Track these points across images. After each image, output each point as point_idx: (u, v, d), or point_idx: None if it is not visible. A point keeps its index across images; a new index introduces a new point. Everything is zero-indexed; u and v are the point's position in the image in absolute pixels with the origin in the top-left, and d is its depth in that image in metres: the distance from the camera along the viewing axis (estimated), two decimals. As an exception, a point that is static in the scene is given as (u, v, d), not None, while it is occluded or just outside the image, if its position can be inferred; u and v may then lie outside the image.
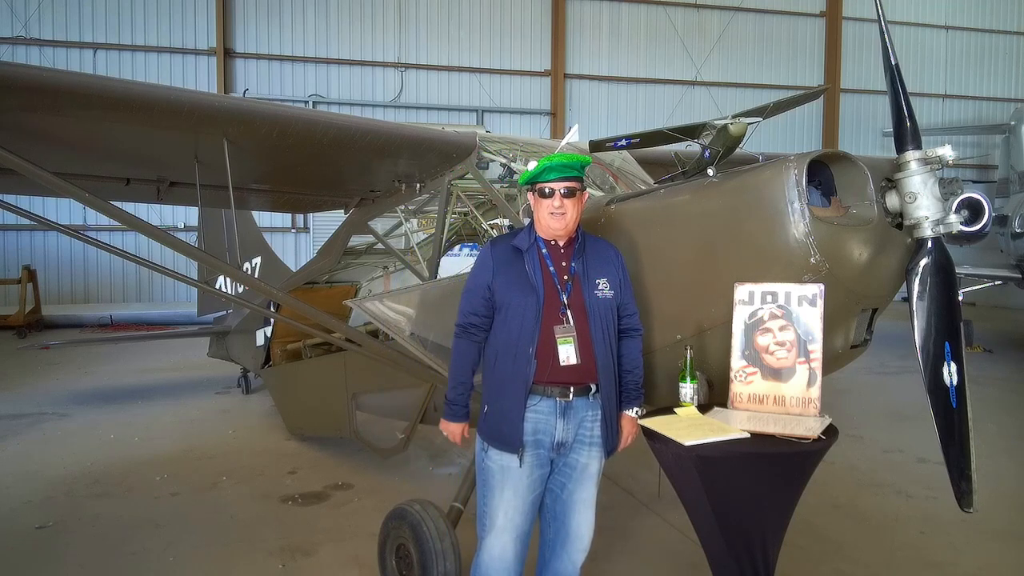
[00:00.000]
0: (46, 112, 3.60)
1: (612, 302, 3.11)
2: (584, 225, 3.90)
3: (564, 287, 3.06)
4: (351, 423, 5.95)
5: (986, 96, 22.49)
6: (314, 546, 4.73)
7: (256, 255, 8.58)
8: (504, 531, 3.06)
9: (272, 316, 6.67)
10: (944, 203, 2.93)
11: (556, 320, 3.01)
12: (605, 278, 3.11)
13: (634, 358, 3.22)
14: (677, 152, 4.48)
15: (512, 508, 3.06)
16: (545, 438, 3.06)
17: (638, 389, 3.24)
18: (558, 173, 3.03)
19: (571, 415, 3.06)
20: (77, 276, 17.03)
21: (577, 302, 3.05)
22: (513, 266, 3.09)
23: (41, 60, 16.20)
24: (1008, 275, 12.85)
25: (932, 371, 2.93)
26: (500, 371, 3.07)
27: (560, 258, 3.11)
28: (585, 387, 3.06)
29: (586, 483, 3.17)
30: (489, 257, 3.15)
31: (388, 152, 4.57)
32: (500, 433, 3.05)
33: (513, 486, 3.06)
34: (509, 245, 3.16)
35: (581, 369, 3.02)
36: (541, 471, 3.11)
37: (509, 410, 3.02)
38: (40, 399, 8.91)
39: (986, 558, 4.61)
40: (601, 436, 3.12)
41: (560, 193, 3.03)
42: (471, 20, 19.02)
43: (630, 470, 5.99)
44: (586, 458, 3.14)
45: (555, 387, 3.03)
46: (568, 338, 3.00)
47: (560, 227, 3.07)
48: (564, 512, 3.20)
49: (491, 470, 3.10)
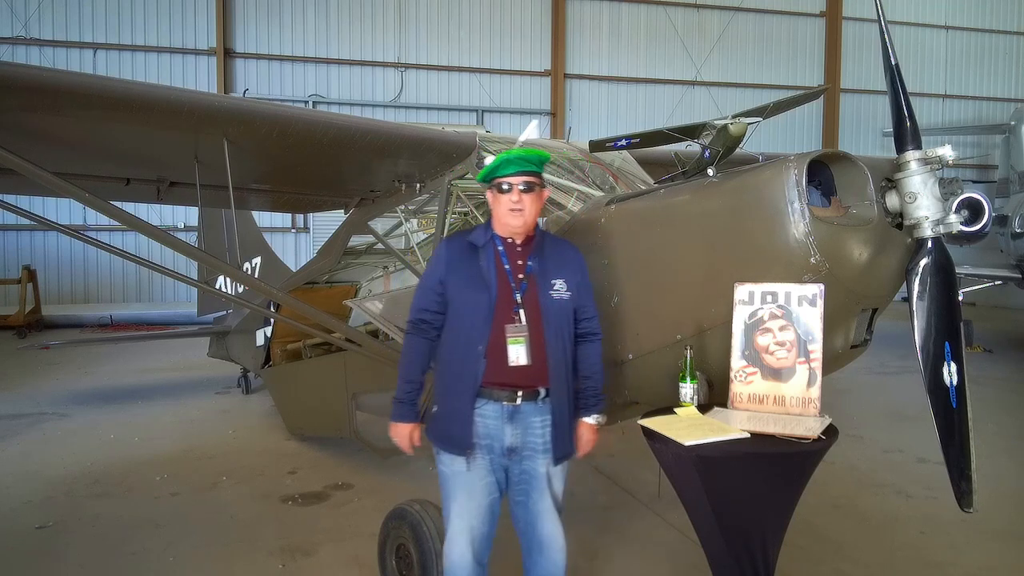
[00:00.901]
0: (46, 112, 3.61)
1: (569, 304, 3.03)
2: (584, 224, 3.92)
3: (519, 286, 2.97)
4: (351, 423, 5.95)
5: (986, 96, 22.49)
6: (314, 546, 4.73)
7: (256, 255, 8.58)
8: (460, 534, 3.01)
9: (272, 316, 6.68)
10: (944, 203, 2.93)
11: (508, 319, 2.93)
12: (562, 279, 3.02)
13: (592, 363, 3.14)
14: (677, 152, 4.48)
15: (467, 511, 3.00)
16: (495, 443, 2.98)
17: (597, 396, 3.15)
18: (516, 167, 2.94)
19: (519, 420, 2.98)
20: (77, 276, 17.03)
21: (532, 302, 2.96)
22: (467, 262, 3.01)
23: (41, 60, 16.20)
24: (1008, 275, 12.85)
25: (932, 371, 2.93)
26: (450, 370, 3.00)
27: (516, 256, 3.02)
28: (534, 391, 2.97)
29: (545, 492, 3.06)
30: (443, 253, 3.08)
31: (388, 152, 4.57)
32: (449, 435, 2.99)
33: (466, 490, 2.99)
34: (465, 241, 3.08)
35: (531, 371, 2.93)
36: (495, 475, 3.03)
37: (458, 411, 2.96)
38: (40, 399, 8.91)
39: (986, 558, 4.61)
40: (551, 442, 3.01)
41: (519, 188, 2.94)
42: (471, 20, 19.02)
43: (630, 470, 5.99)
44: (542, 466, 3.04)
45: (502, 390, 2.94)
46: (519, 338, 2.91)
47: (519, 224, 2.97)
48: (532, 522, 3.10)
49: (444, 474, 3.05)
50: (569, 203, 4.43)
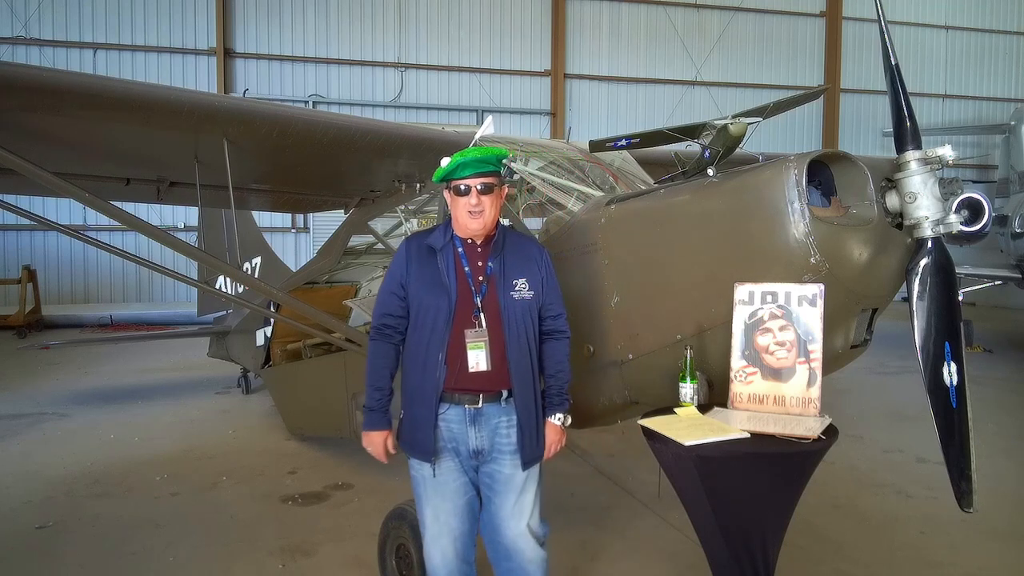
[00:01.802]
0: (46, 112, 3.61)
1: (532, 303, 2.97)
2: (584, 225, 3.92)
3: (479, 288, 2.91)
4: (351, 423, 5.95)
5: (986, 96, 22.49)
6: (314, 546, 4.73)
7: (256, 255, 8.58)
8: (441, 535, 2.98)
9: (272, 316, 6.68)
10: (944, 203, 2.93)
11: (469, 323, 2.87)
12: (524, 278, 2.96)
13: (558, 361, 3.07)
14: (677, 152, 4.48)
15: (444, 512, 2.98)
16: (461, 446, 2.95)
17: (562, 395, 3.07)
18: (473, 169, 2.85)
19: (482, 422, 2.93)
20: (77, 276, 17.03)
21: (492, 304, 2.90)
22: (427, 265, 2.94)
23: (41, 60, 16.20)
24: (1008, 275, 12.85)
25: (932, 371, 2.93)
26: (412, 376, 2.97)
27: (477, 257, 2.96)
28: (496, 393, 2.92)
29: (510, 496, 2.98)
30: (403, 255, 3.01)
31: (388, 152, 4.58)
32: (414, 441, 2.97)
33: (440, 492, 2.97)
34: (424, 243, 3.00)
35: (492, 375, 2.88)
36: (467, 476, 3.00)
37: (421, 418, 2.92)
38: (40, 399, 8.91)
39: (986, 558, 4.61)
40: (518, 444, 2.95)
41: (477, 190, 2.86)
42: (471, 20, 19.02)
43: (630, 470, 5.99)
44: (509, 468, 2.97)
45: (464, 394, 2.89)
46: (479, 343, 2.86)
47: (478, 227, 2.91)
48: (496, 528, 3.02)
49: (415, 479, 3.03)
50: (569, 203, 4.43)
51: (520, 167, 4.64)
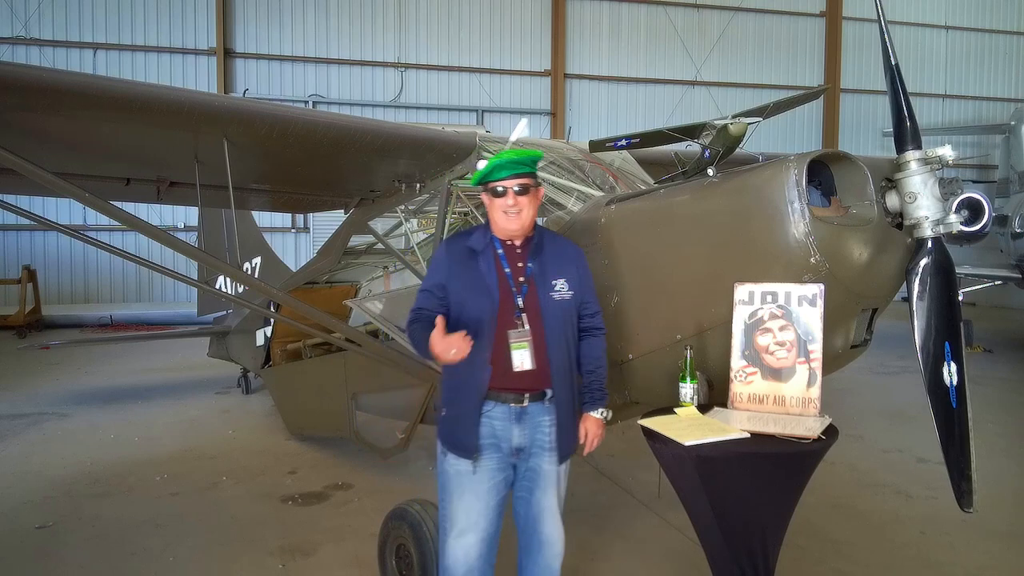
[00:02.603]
0: (46, 112, 3.60)
1: (571, 303, 3.03)
2: (584, 224, 3.92)
3: (519, 289, 2.97)
4: (351, 423, 5.95)
5: (986, 96, 22.48)
6: (314, 546, 4.73)
7: (256, 255, 8.58)
8: (467, 532, 3.01)
9: (272, 316, 6.68)
10: (944, 203, 2.94)
11: (511, 324, 2.93)
12: (563, 278, 3.02)
13: (596, 357, 3.15)
14: (677, 152, 4.48)
15: (474, 511, 3.00)
16: (503, 443, 3.00)
17: (602, 390, 3.16)
18: (509, 171, 2.91)
19: (527, 420, 3.00)
20: (77, 276, 17.03)
21: (533, 304, 2.96)
22: (468, 267, 2.99)
23: (41, 60, 16.20)
24: (1008, 275, 12.85)
25: (932, 371, 2.93)
26: (455, 376, 3.01)
27: (516, 259, 3.01)
28: (540, 392, 2.99)
29: (549, 489, 3.09)
30: (444, 257, 3.06)
31: (388, 152, 4.57)
32: (456, 439, 3.01)
33: (473, 490, 3.00)
34: (464, 245, 3.06)
35: (535, 374, 2.95)
36: (503, 475, 3.04)
37: (464, 416, 2.97)
38: (40, 399, 8.91)
39: (986, 558, 4.61)
40: (556, 441, 3.04)
41: (513, 191, 2.92)
42: (471, 20, 19.01)
43: (630, 470, 5.99)
44: (548, 464, 3.06)
45: (509, 393, 2.95)
46: (523, 343, 2.92)
47: (516, 227, 2.97)
48: (534, 519, 3.11)
49: (449, 474, 3.05)
50: (569, 203, 4.44)
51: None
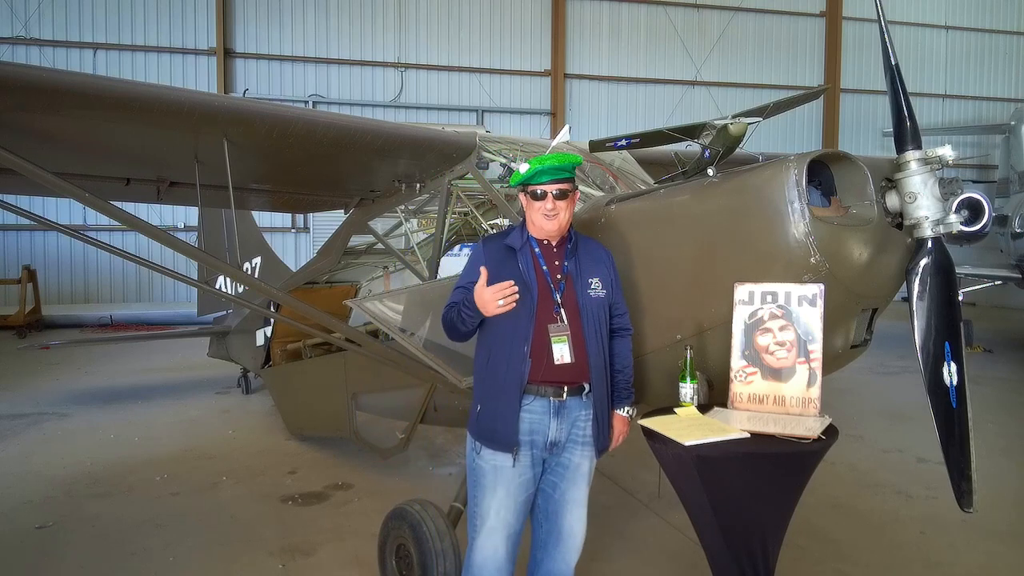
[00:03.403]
0: (46, 112, 3.60)
1: (604, 301, 3.11)
2: (584, 224, 3.92)
3: (557, 286, 3.05)
4: (351, 423, 5.95)
5: (986, 96, 22.48)
6: (314, 546, 4.73)
7: (256, 255, 8.58)
8: (496, 531, 3.04)
9: (272, 316, 6.67)
10: (944, 203, 2.94)
11: (550, 319, 3.00)
12: (597, 278, 3.11)
13: (625, 357, 3.23)
14: (677, 152, 4.48)
15: (505, 508, 3.04)
16: (539, 438, 3.04)
17: (629, 388, 3.24)
18: (550, 176, 3.01)
19: (564, 415, 3.05)
20: (77, 276, 17.03)
21: (570, 301, 3.04)
22: (506, 264, 3.06)
23: (41, 60, 16.20)
24: (1008, 275, 12.85)
25: (932, 371, 2.93)
26: (493, 370, 3.05)
27: (553, 257, 3.10)
28: (578, 387, 3.05)
29: (579, 482, 3.15)
30: (482, 255, 3.12)
31: (388, 152, 4.57)
32: (494, 433, 3.03)
33: (506, 486, 3.04)
34: (502, 244, 3.14)
35: (574, 368, 3.01)
36: (534, 471, 3.09)
37: (504, 409, 3.01)
38: (40, 399, 8.91)
39: (986, 558, 4.62)
40: (592, 435, 3.11)
41: (552, 195, 3.01)
42: (471, 20, 19.01)
43: (630, 470, 5.99)
44: (579, 458, 3.12)
45: (549, 387, 3.01)
46: (563, 336, 2.99)
47: (554, 229, 3.06)
48: (556, 512, 3.17)
49: (483, 470, 3.08)
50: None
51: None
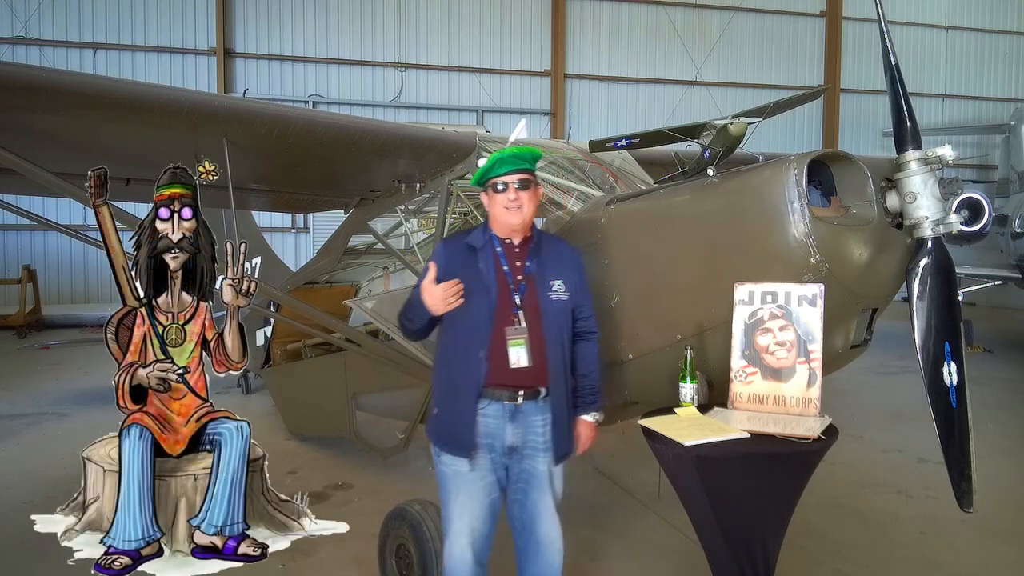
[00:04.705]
0: (46, 112, 3.60)
1: (567, 304, 3.03)
2: (584, 224, 3.92)
3: (518, 287, 2.98)
4: (351, 423, 5.95)
5: (986, 96, 22.46)
6: (314, 546, 4.72)
7: (256, 255, 8.58)
8: (461, 534, 3.01)
9: (272, 316, 6.68)
10: (944, 203, 2.94)
11: (508, 321, 2.93)
12: (561, 279, 3.03)
13: (590, 362, 3.15)
14: (677, 152, 4.49)
15: (468, 511, 3.00)
16: (497, 442, 2.97)
17: (595, 394, 3.17)
18: (510, 166, 2.93)
19: (520, 419, 2.98)
20: (77, 276, 17.01)
21: (531, 303, 2.97)
22: (465, 265, 2.99)
23: (41, 60, 16.18)
24: (1008, 275, 12.84)
25: (932, 371, 2.94)
26: (450, 372, 3.01)
27: (515, 257, 3.02)
28: (535, 391, 2.98)
29: (547, 492, 3.07)
30: (442, 255, 3.07)
31: (388, 152, 4.58)
32: (451, 437, 3.00)
33: (467, 490, 2.99)
34: (463, 243, 3.08)
35: (531, 372, 2.94)
36: (496, 475, 3.03)
37: (461, 413, 2.96)
38: (40, 399, 8.90)
39: (986, 558, 4.61)
40: (552, 441, 3.03)
41: (514, 186, 2.93)
42: (471, 20, 19.01)
43: (630, 470, 5.99)
44: (543, 465, 3.04)
45: (504, 390, 2.95)
46: (519, 340, 2.92)
47: (517, 221, 2.96)
48: (531, 521, 3.09)
49: (445, 475, 3.04)
50: (569, 203, 4.44)
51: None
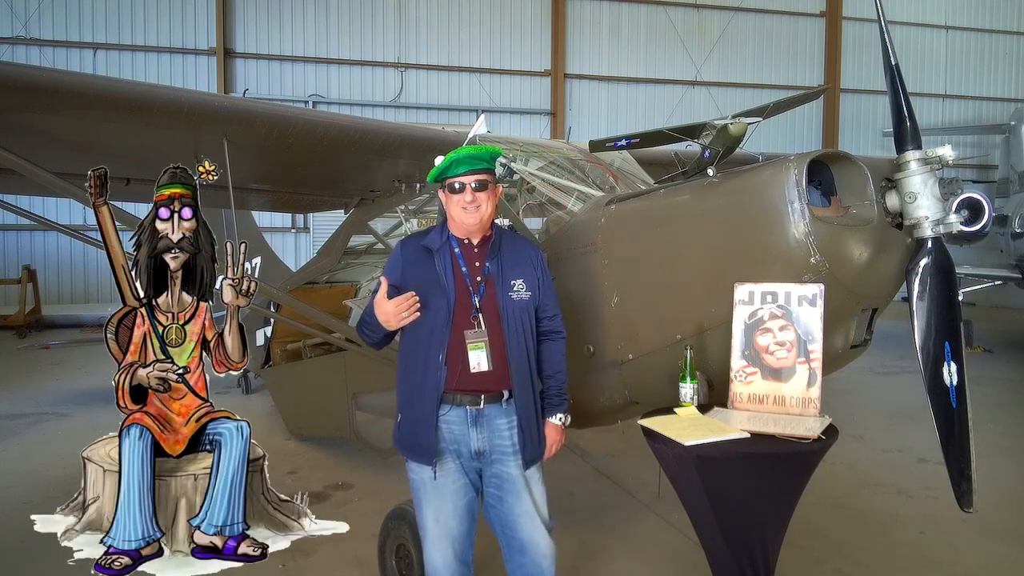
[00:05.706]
0: (46, 112, 3.60)
1: (529, 303, 2.95)
2: (584, 225, 3.92)
3: (477, 289, 2.90)
4: (351, 423, 5.95)
5: (986, 96, 22.48)
6: (314, 546, 4.72)
7: (256, 255, 8.58)
8: (440, 538, 2.96)
9: (272, 316, 6.68)
10: (944, 203, 2.93)
11: (467, 324, 2.86)
12: (522, 279, 2.95)
13: (556, 362, 3.08)
14: (677, 152, 4.48)
15: (443, 515, 2.95)
16: (463, 448, 2.92)
17: (561, 395, 3.10)
18: (467, 166, 2.85)
19: (484, 423, 2.91)
20: (77, 276, 17.02)
21: (491, 305, 2.89)
22: (423, 266, 2.92)
23: (41, 60, 16.19)
24: (1008, 275, 12.84)
25: (932, 371, 2.93)
26: (411, 378, 2.95)
27: (474, 258, 2.95)
28: (497, 394, 2.91)
29: (522, 495, 2.98)
30: (399, 257, 3.00)
31: (388, 152, 4.58)
32: (415, 444, 2.94)
33: (439, 494, 2.94)
34: (419, 244, 3.00)
35: (493, 375, 2.87)
36: (468, 477, 2.96)
37: (421, 420, 2.90)
38: (40, 399, 8.90)
39: (986, 558, 4.61)
40: (520, 444, 2.94)
41: (471, 187, 2.86)
42: (471, 20, 19.02)
43: (630, 470, 5.99)
44: (514, 469, 2.96)
45: (466, 395, 2.88)
46: (479, 343, 2.85)
47: (474, 222, 2.89)
48: (511, 526, 3.00)
49: (415, 482, 3.00)
50: (569, 203, 4.44)
51: (520, 167, 4.64)
